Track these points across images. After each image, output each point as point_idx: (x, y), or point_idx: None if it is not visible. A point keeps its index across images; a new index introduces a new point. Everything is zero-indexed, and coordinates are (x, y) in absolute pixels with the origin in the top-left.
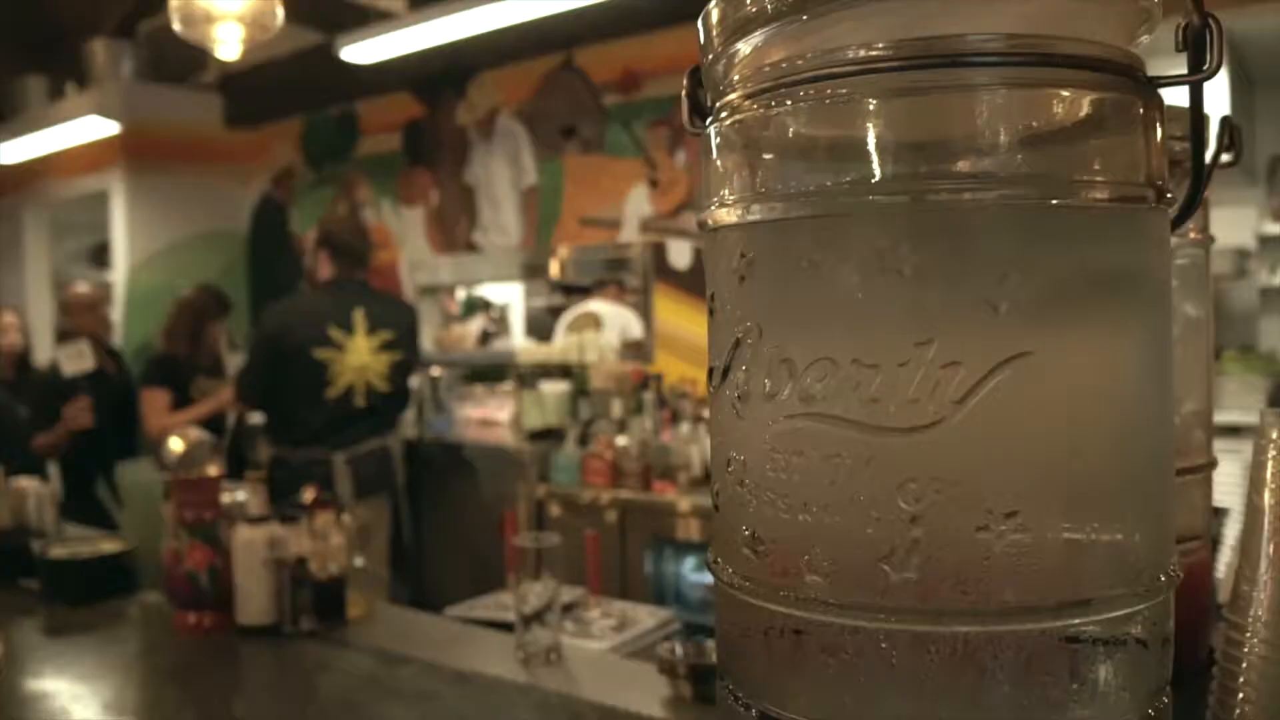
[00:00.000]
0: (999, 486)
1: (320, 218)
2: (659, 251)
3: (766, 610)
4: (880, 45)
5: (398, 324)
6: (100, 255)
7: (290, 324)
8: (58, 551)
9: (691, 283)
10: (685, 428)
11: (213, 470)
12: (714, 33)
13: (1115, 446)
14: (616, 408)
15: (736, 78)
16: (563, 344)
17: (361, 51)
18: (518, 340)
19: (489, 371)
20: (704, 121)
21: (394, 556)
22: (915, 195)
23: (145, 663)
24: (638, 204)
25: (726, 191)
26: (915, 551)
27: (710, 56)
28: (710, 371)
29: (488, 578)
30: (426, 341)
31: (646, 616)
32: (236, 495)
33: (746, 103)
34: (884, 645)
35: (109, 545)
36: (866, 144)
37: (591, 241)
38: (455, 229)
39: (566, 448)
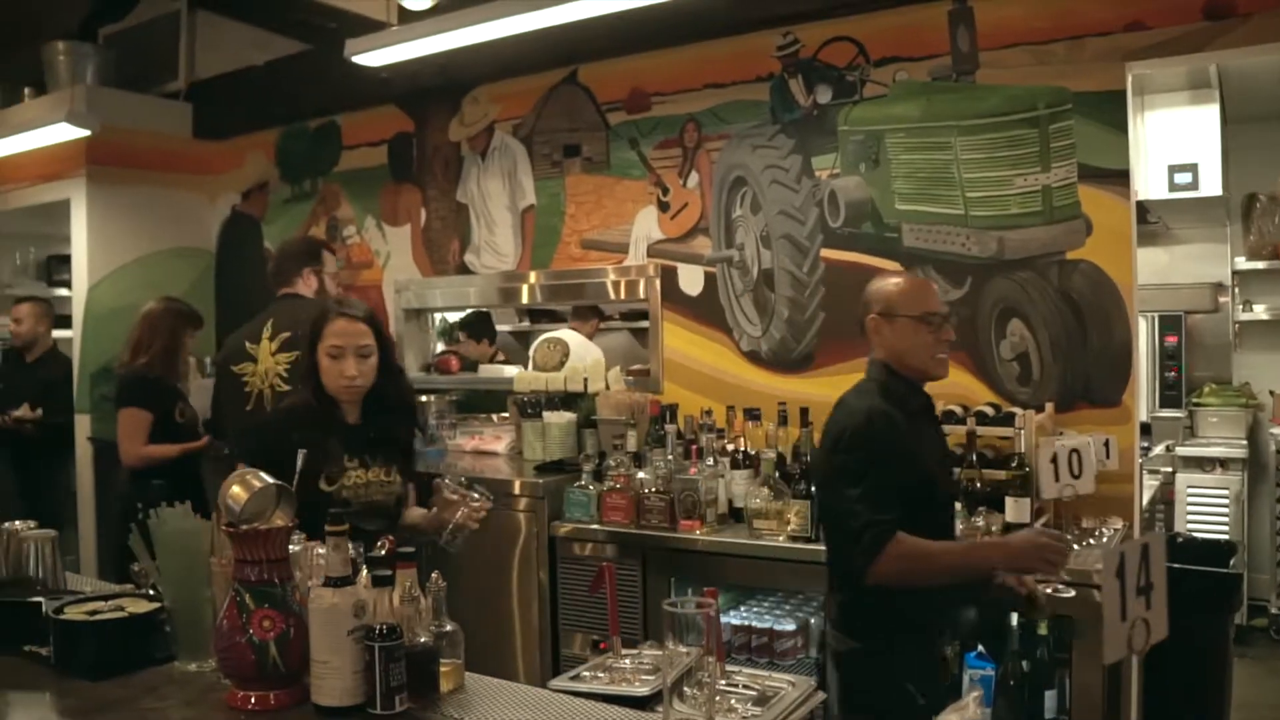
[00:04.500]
0: None
1: None
2: (669, 277)
3: None
4: None
5: (296, 324)
6: (53, 269)
7: (222, 350)
8: (74, 612)
9: (702, 310)
10: (711, 461)
11: (280, 521)
12: None
13: None
14: (631, 440)
15: None
16: (567, 371)
17: (372, 57)
18: (485, 365)
19: (477, 400)
20: None
21: None
22: None
23: None
24: (646, 227)
25: None
26: None
27: None
28: None
29: (500, 625)
30: (413, 369)
31: (783, 684)
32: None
33: None
34: None
35: (136, 604)
36: None
37: (595, 264)
38: (446, 250)
39: (582, 482)
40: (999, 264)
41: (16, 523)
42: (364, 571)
